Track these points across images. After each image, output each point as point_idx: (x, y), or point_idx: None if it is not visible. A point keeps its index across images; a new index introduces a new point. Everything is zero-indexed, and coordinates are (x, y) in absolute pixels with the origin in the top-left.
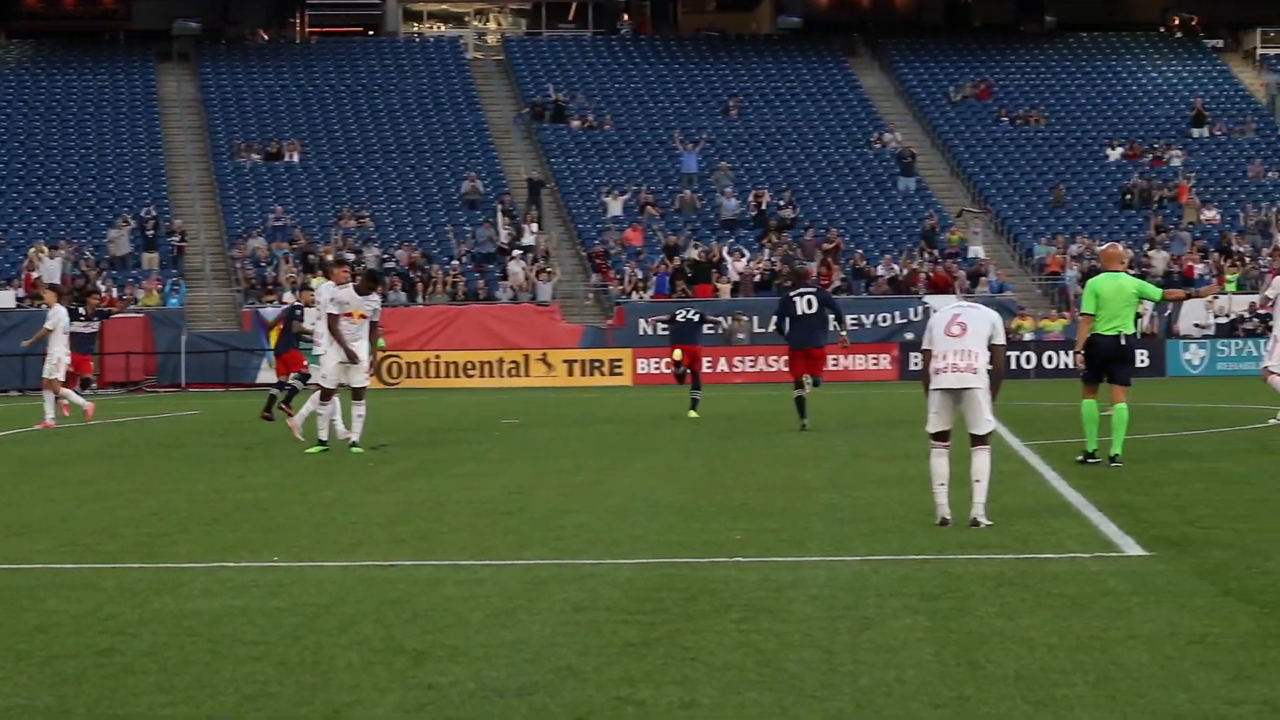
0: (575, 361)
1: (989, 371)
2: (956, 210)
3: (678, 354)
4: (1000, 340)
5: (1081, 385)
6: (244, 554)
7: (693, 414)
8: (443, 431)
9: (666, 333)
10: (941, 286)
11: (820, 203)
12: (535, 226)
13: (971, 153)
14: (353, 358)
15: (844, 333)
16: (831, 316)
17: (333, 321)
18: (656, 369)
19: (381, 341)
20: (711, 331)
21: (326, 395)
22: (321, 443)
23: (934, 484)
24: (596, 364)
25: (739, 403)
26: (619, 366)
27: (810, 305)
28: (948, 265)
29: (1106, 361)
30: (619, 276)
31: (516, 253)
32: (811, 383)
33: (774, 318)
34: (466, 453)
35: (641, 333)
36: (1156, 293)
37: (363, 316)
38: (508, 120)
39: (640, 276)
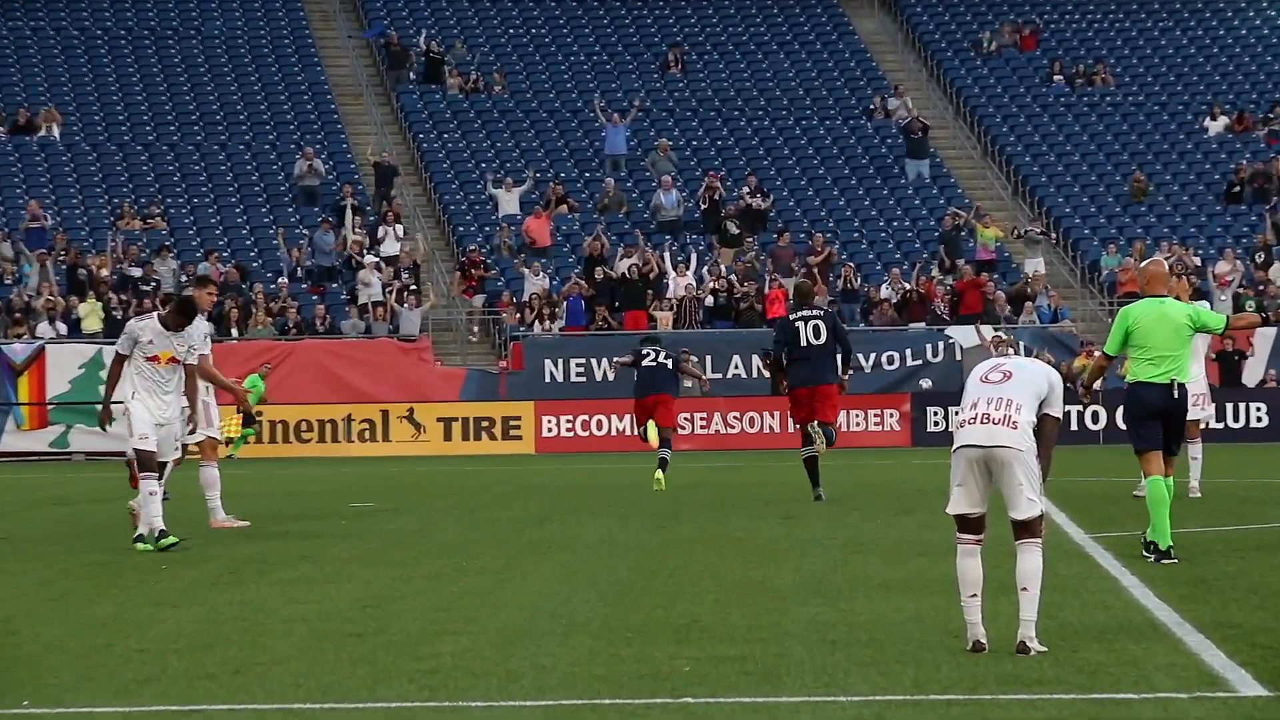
0: (455, 420)
1: (1035, 436)
2: (1011, 230)
3: (651, 433)
4: (1056, 411)
5: (1137, 455)
6: None
7: (659, 479)
8: (266, 520)
9: (632, 379)
10: (972, 311)
11: (799, 195)
12: (398, 229)
13: (1011, 124)
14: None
15: (846, 375)
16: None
17: (116, 365)
18: (569, 430)
19: (260, 385)
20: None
21: (147, 464)
22: (162, 533)
23: (962, 592)
24: (485, 424)
25: (689, 473)
26: (516, 427)
27: (818, 334)
28: (977, 281)
29: (1156, 419)
30: (515, 300)
31: (370, 262)
32: (823, 435)
33: (759, 355)
34: (299, 550)
35: (548, 379)
36: (1219, 321)
37: (173, 360)
38: (357, 73)
39: (546, 299)
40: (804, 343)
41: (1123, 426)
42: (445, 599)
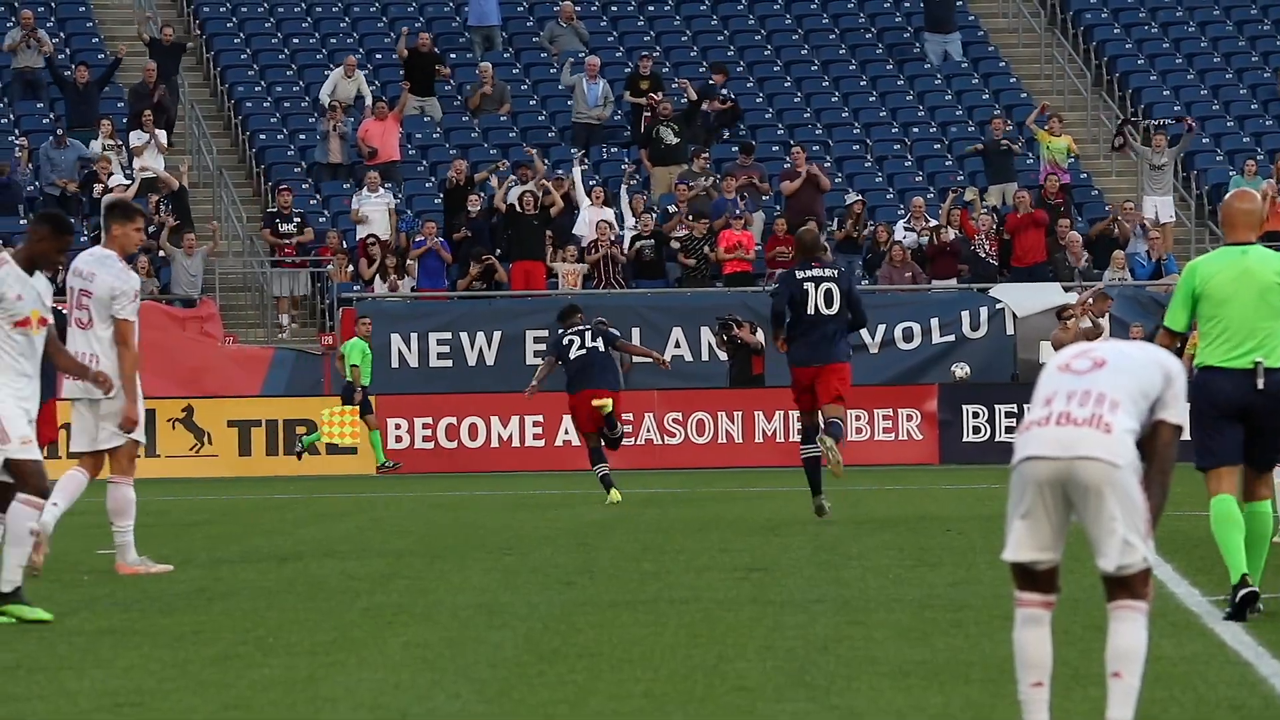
0: (255, 424)
1: (1140, 455)
2: (1113, 135)
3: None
4: (1176, 416)
5: (1200, 472)
6: None
7: (615, 497)
8: None
9: (558, 370)
10: (1031, 261)
11: (771, 89)
12: (162, 135)
13: None
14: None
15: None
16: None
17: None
18: (427, 439)
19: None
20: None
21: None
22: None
23: (1021, 680)
24: (301, 429)
25: (608, 503)
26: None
27: (830, 301)
28: (1037, 215)
29: (1233, 419)
30: (344, 245)
31: (118, 185)
32: (831, 433)
33: (715, 326)
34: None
35: (395, 362)
36: None
37: (44, 321)
38: None
39: (392, 245)
40: (811, 310)
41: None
42: (239, 693)
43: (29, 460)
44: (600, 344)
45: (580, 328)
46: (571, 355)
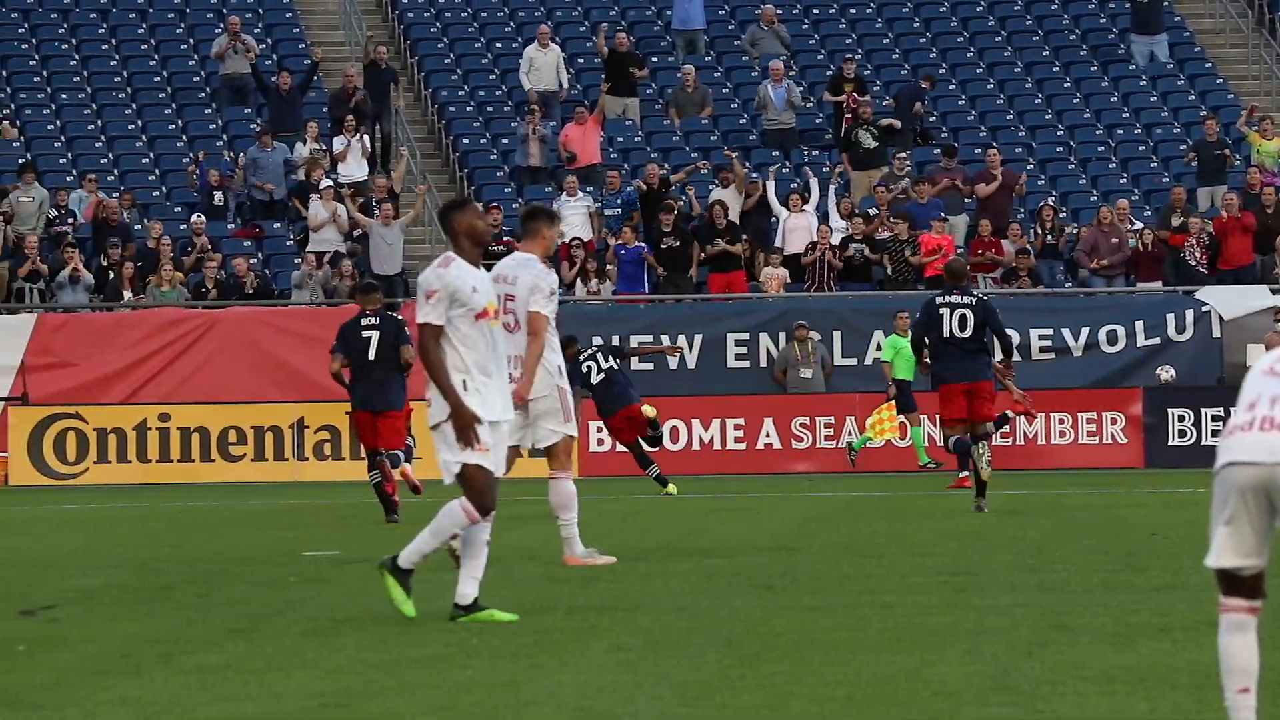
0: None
1: None
2: None
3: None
4: None
5: None
6: None
7: (673, 489)
8: (172, 576)
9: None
10: (1238, 264)
11: (973, 91)
12: (365, 140)
13: None
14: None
15: (1002, 362)
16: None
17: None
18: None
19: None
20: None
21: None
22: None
23: (1227, 686)
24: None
25: (811, 506)
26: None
27: (964, 325)
28: (1245, 219)
29: None
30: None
31: (325, 187)
32: (982, 451)
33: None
34: (225, 621)
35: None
36: None
37: (498, 312)
38: None
39: (592, 247)
40: (947, 333)
41: None
42: (444, 695)
43: (479, 468)
44: (614, 363)
45: (589, 352)
46: (594, 380)
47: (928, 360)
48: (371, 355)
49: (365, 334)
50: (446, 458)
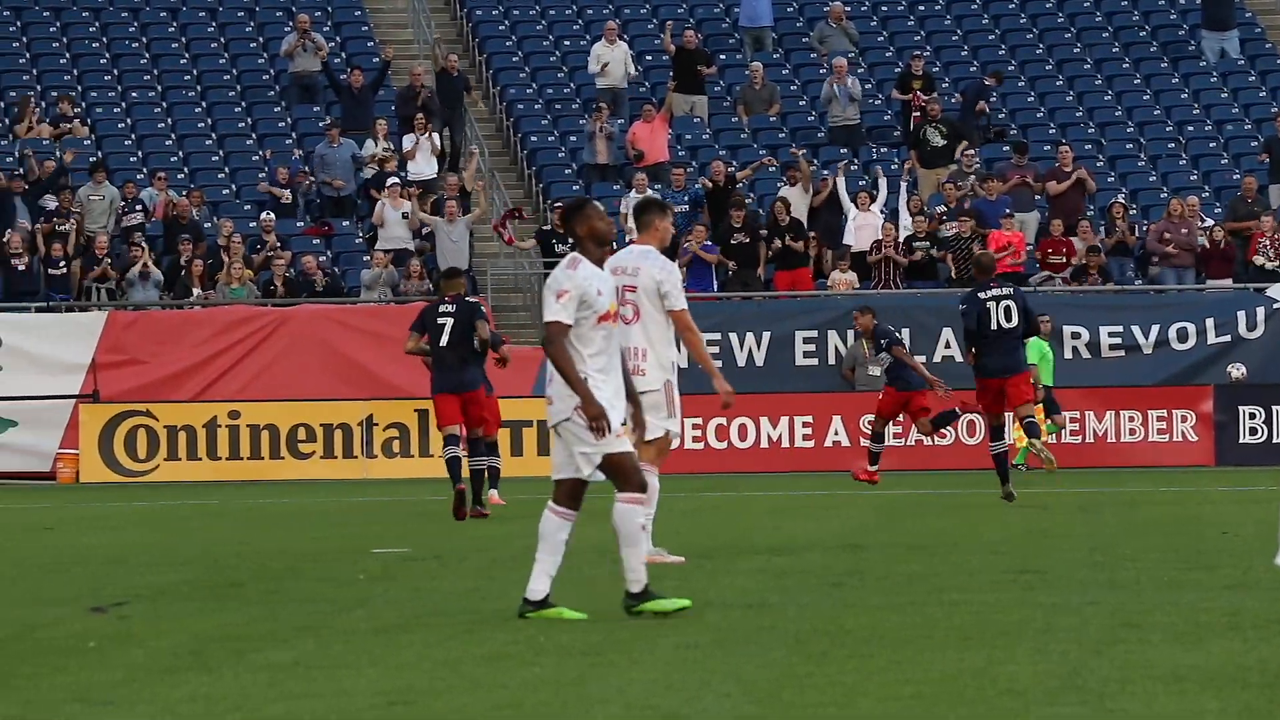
0: (526, 425)
1: None
2: None
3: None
4: None
5: None
6: None
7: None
8: (242, 573)
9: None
10: None
11: (1042, 88)
12: (436, 137)
13: None
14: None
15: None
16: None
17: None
18: (696, 440)
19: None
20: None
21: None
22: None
23: None
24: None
25: (881, 504)
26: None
27: (1009, 316)
28: None
29: None
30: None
31: (391, 184)
32: (1030, 433)
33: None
34: (294, 618)
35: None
36: None
37: (617, 315)
38: None
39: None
40: (994, 325)
41: None
42: (511, 693)
43: (623, 454)
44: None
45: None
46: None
47: (974, 352)
48: (444, 341)
49: (441, 320)
50: (585, 450)
